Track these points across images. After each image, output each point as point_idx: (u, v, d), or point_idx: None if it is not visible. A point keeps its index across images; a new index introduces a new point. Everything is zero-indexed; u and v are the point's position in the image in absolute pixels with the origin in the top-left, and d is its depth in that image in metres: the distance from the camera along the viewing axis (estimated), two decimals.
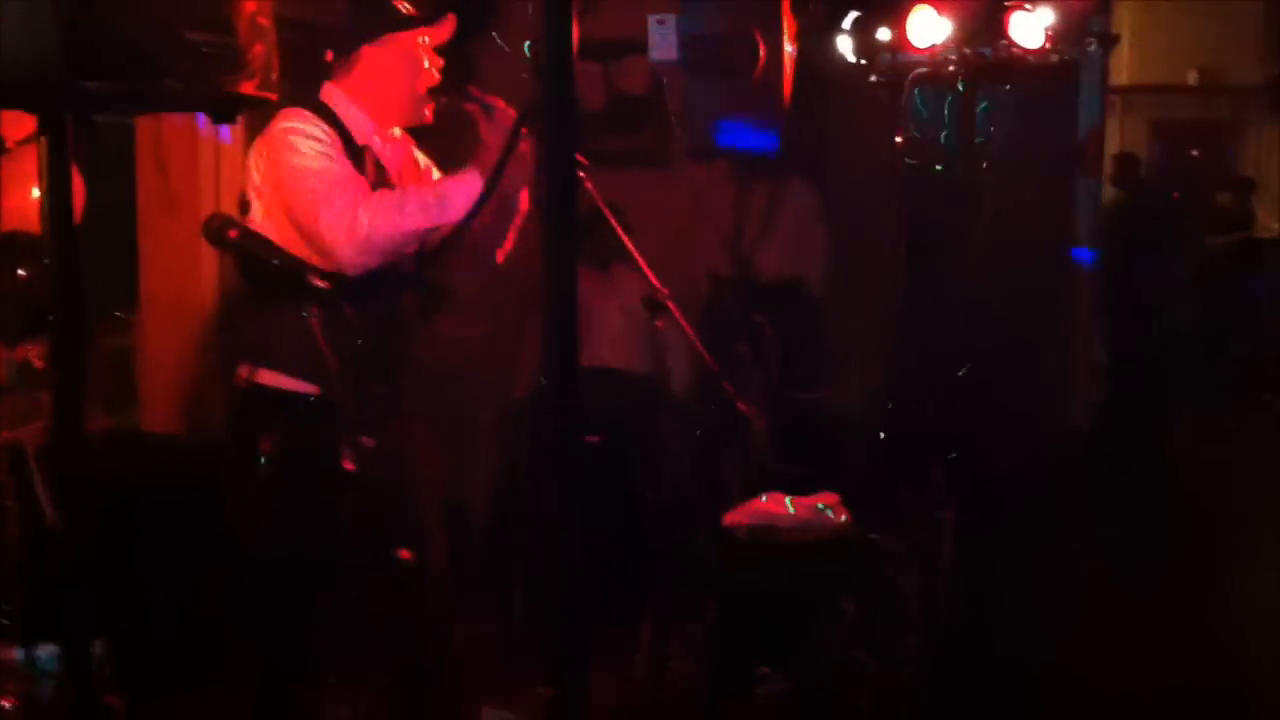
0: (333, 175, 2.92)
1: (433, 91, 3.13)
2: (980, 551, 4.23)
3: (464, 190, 2.98)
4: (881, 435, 4.56)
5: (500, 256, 3.27)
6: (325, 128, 2.99)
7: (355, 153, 3.05)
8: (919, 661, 3.63)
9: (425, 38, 3.11)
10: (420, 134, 3.29)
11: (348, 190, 2.90)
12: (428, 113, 3.14)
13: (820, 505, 3.90)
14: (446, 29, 3.15)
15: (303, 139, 2.94)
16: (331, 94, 3.09)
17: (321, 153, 2.94)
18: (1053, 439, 5.73)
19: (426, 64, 3.11)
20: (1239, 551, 4.53)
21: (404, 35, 3.09)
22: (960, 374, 4.78)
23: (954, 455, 4.25)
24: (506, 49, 5.09)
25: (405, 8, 3.14)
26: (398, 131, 3.22)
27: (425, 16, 3.13)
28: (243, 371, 3.03)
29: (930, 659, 3.67)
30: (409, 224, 2.93)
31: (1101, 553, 4.75)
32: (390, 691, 3.16)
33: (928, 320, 5.04)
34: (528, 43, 4.23)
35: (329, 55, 3.10)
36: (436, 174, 3.30)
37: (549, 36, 1.46)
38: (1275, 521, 4.74)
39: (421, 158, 3.32)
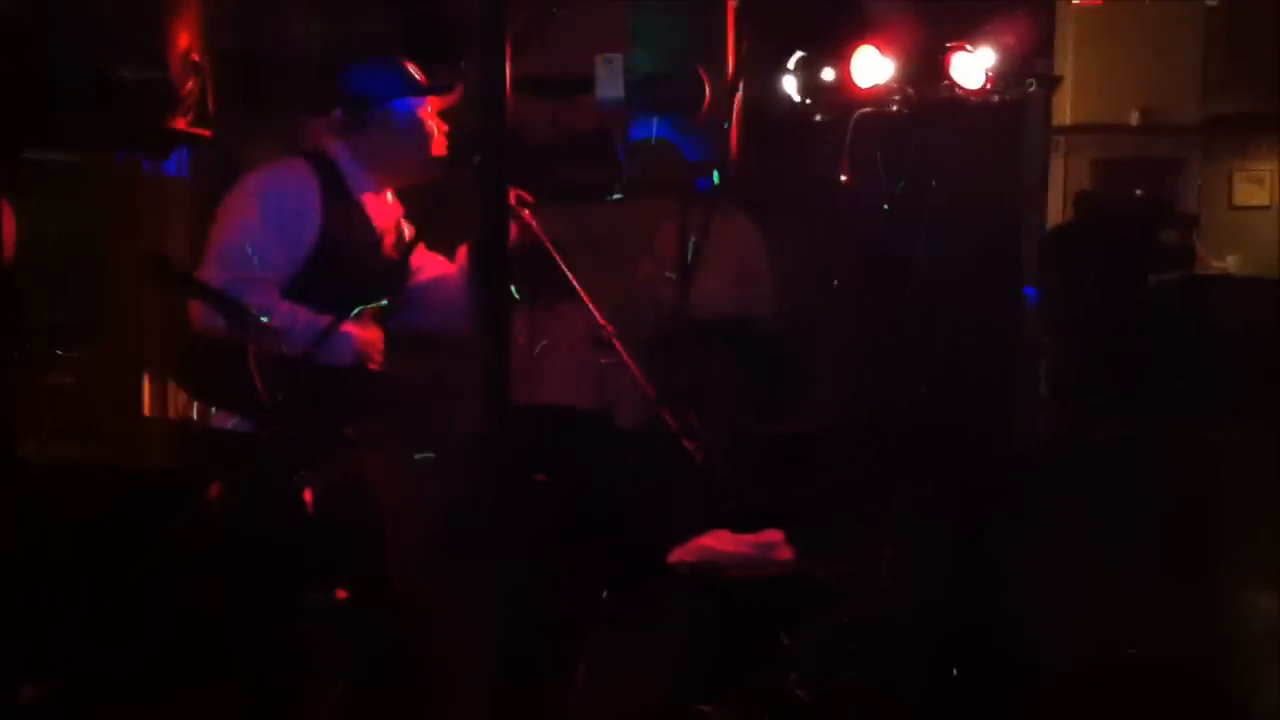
0: (261, 254, 2.95)
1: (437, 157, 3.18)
2: (932, 578, 4.25)
3: (344, 340, 3.01)
4: (828, 468, 4.58)
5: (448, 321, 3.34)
6: (310, 180, 3.03)
7: (346, 205, 3.09)
8: (857, 694, 3.64)
9: (431, 106, 3.17)
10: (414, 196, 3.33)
11: (253, 279, 2.92)
12: (434, 173, 3.19)
13: (764, 543, 3.90)
14: (454, 96, 3.21)
15: (273, 197, 2.99)
16: (335, 147, 3.14)
17: (270, 223, 2.97)
18: (1000, 465, 5.78)
19: (434, 129, 3.16)
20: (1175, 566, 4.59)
21: (414, 102, 3.14)
22: (908, 400, 4.83)
23: (895, 489, 4.27)
24: None
25: (418, 74, 3.19)
26: (390, 196, 3.27)
27: (437, 85, 3.19)
28: (195, 413, 3.04)
29: (869, 690, 3.68)
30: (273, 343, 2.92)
31: (1054, 572, 4.79)
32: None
33: (876, 354, 5.08)
34: None
35: (339, 114, 3.16)
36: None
37: (483, 74, 1.47)
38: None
39: (406, 227, 3.35)
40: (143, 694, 3.55)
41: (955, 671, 3.84)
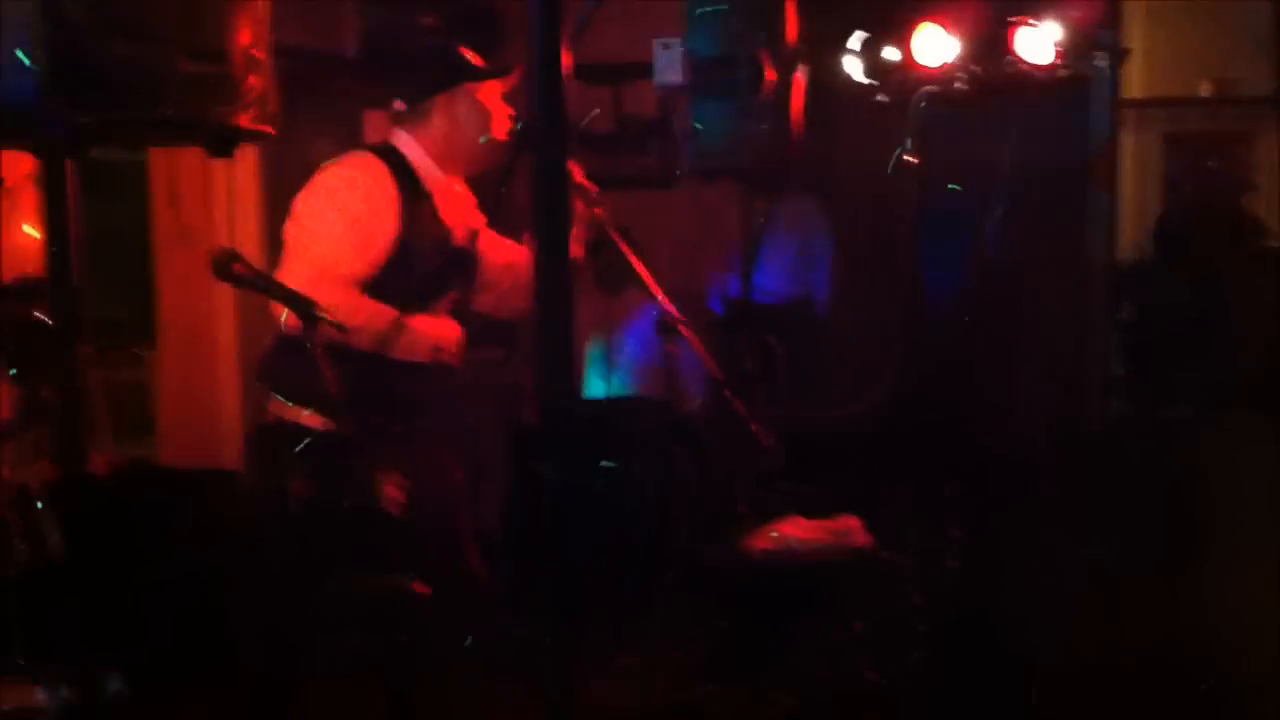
0: (338, 254, 2.96)
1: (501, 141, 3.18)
2: (988, 563, 4.21)
3: (421, 338, 3.02)
4: (891, 452, 4.55)
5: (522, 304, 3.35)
6: (386, 176, 3.04)
7: (419, 198, 3.10)
8: (928, 678, 3.62)
9: (492, 88, 3.17)
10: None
11: (332, 277, 2.92)
12: (500, 158, 3.20)
13: (839, 529, 3.89)
14: (514, 79, 3.21)
15: (350, 195, 2.99)
16: (403, 140, 3.16)
17: (350, 223, 2.98)
18: (1061, 448, 5.70)
19: (495, 113, 3.17)
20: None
21: (473, 86, 3.14)
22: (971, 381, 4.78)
23: (962, 470, 4.23)
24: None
25: (475, 59, 3.19)
26: (459, 187, 3.27)
27: (496, 68, 3.19)
28: (272, 408, 3.06)
29: (938, 674, 3.65)
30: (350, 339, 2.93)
31: (1107, 557, 4.73)
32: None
33: (938, 335, 5.03)
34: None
35: (398, 104, 3.17)
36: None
37: (539, 57, 1.46)
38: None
39: (477, 210, 3.36)
40: (217, 692, 3.60)
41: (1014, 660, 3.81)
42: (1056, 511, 4.90)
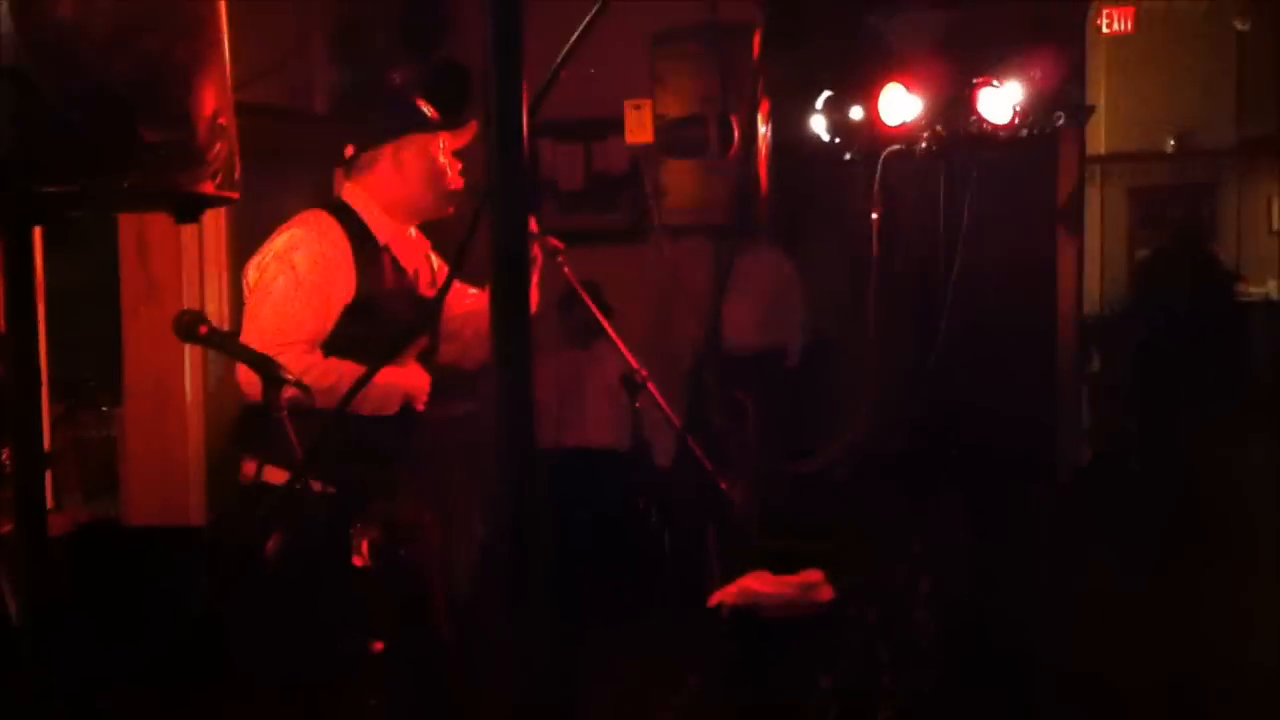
0: (295, 318, 2.97)
1: (454, 192, 3.20)
2: (958, 615, 4.22)
3: (391, 391, 3.02)
4: (861, 502, 4.57)
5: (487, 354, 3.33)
6: (338, 234, 3.05)
7: (374, 252, 3.10)
8: None
9: (444, 142, 3.18)
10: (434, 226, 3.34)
11: (291, 342, 2.93)
12: (450, 206, 3.21)
13: (804, 583, 3.89)
14: (468, 134, 3.22)
15: (302, 257, 2.99)
16: (353, 194, 3.16)
17: (303, 286, 2.99)
18: (1037, 498, 5.74)
19: (446, 166, 3.17)
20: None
21: (425, 137, 3.15)
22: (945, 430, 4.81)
23: (931, 520, 4.25)
24: None
25: (428, 110, 3.20)
26: (413, 232, 3.28)
27: (448, 120, 3.20)
28: (248, 469, 3.05)
29: None
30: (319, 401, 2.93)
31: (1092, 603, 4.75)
32: None
33: (910, 385, 5.06)
34: None
35: (349, 150, 3.18)
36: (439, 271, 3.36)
37: (499, 112, 1.47)
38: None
39: (435, 260, 3.37)
40: None
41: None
42: (1028, 561, 4.93)
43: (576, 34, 1.67)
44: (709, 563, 4.19)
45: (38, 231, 1.61)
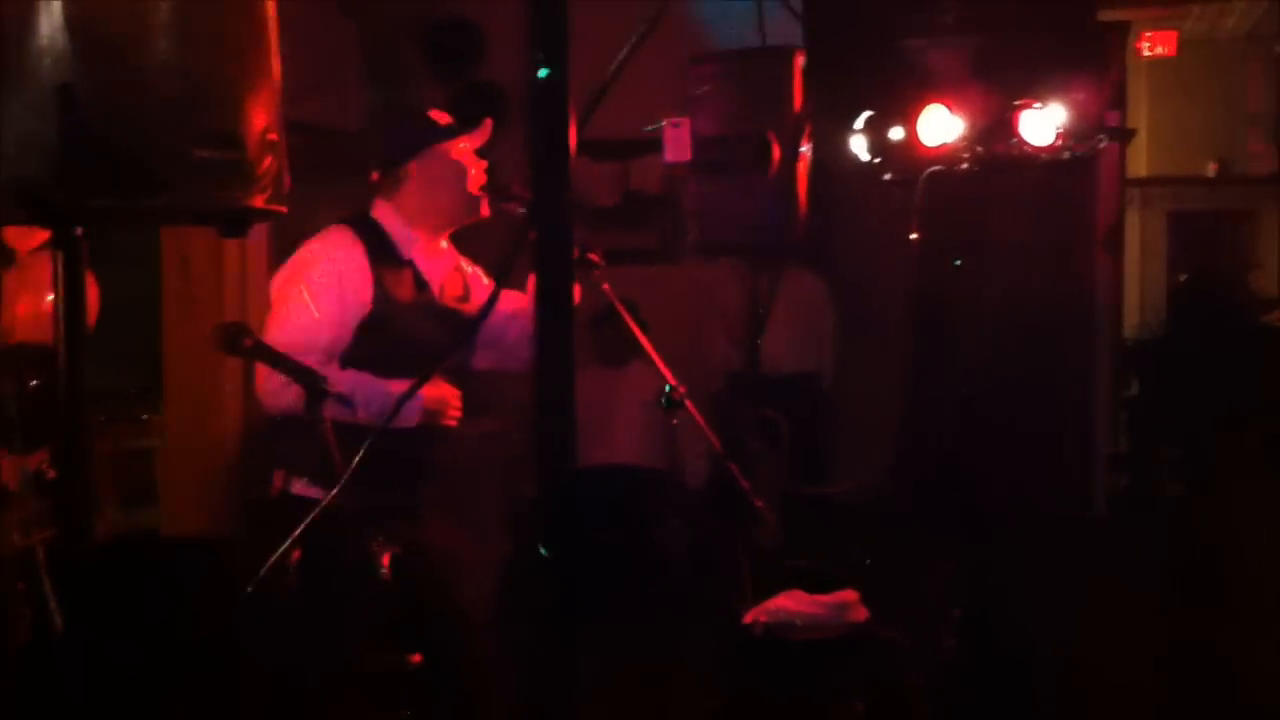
0: (309, 330, 2.99)
1: (482, 189, 3.22)
2: (989, 640, 4.20)
3: (389, 402, 2.98)
4: (892, 527, 4.55)
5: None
6: (356, 248, 3.07)
7: (396, 266, 3.13)
8: None
9: (465, 144, 3.20)
10: (470, 235, 3.36)
11: (311, 352, 2.95)
12: (483, 209, 3.23)
13: (838, 603, 3.87)
14: (484, 133, 3.24)
15: (318, 272, 3.02)
16: (380, 209, 3.19)
17: (318, 300, 3.01)
18: (1067, 523, 5.70)
19: (470, 168, 3.20)
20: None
21: (445, 146, 3.18)
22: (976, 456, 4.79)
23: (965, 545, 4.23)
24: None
25: (442, 118, 3.23)
26: (444, 244, 3.30)
27: (463, 124, 3.23)
28: (276, 480, 3.08)
29: None
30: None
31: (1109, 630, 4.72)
32: None
33: (940, 407, 5.04)
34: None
35: (374, 175, 3.21)
36: (485, 280, 3.38)
37: (540, 131, 1.48)
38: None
39: (466, 266, 3.39)
40: None
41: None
42: (1060, 587, 4.90)
43: (622, 55, 1.68)
44: (741, 581, 4.17)
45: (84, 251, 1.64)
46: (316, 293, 3.02)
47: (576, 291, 3.26)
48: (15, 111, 1.44)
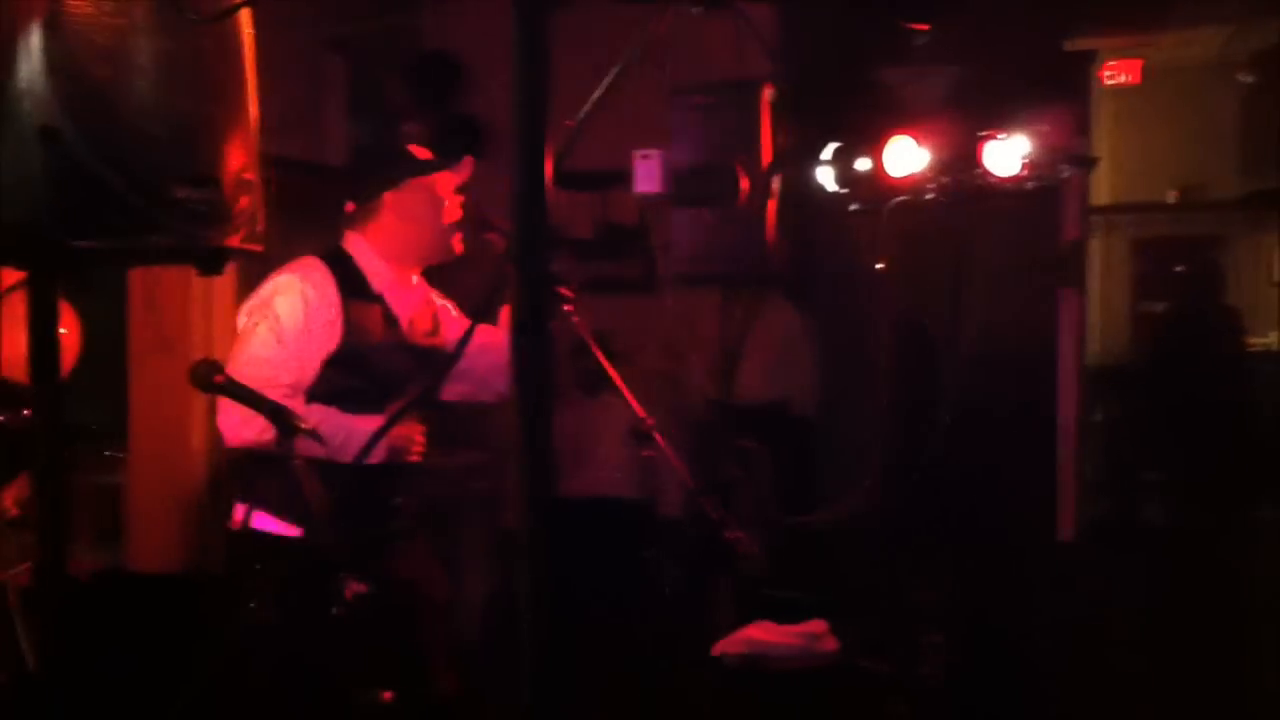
0: (273, 364, 2.98)
1: (456, 224, 3.21)
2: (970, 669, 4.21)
3: (356, 439, 2.99)
4: (869, 554, 4.56)
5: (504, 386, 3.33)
6: (328, 283, 3.06)
7: (366, 301, 3.12)
8: None
9: (444, 180, 3.20)
10: (445, 268, 3.35)
11: (275, 386, 2.94)
12: (455, 245, 3.22)
13: (809, 633, 3.88)
14: (465, 170, 3.24)
15: (285, 305, 3.01)
16: (353, 241, 3.18)
17: (284, 333, 3.00)
18: (1038, 553, 5.73)
19: (447, 203, 3.19)
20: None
21: (423, 180, 3.18)
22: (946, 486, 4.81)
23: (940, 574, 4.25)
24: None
25: (422, 153, 3.23)
26: (415, 279, 3.29)
27: (443, 160, 3.22)
28: (237, 514, 3.06)
29: None
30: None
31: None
32: None
33: (913, 441, 5.05)
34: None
35: (350, 206, 3.20)
36: (454, 312, 3.37)
37: (521, 167, 1.50)
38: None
39: (437, 299, 3.38)
40: None
41: None
42: (1040, 612, 4.92)
43: (599, 90, 1.70)
44: (714, 612, 4.18)
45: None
46: (283, 326, 3.01)
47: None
48: None
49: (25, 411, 3.28)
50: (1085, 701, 4.43)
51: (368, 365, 3.10)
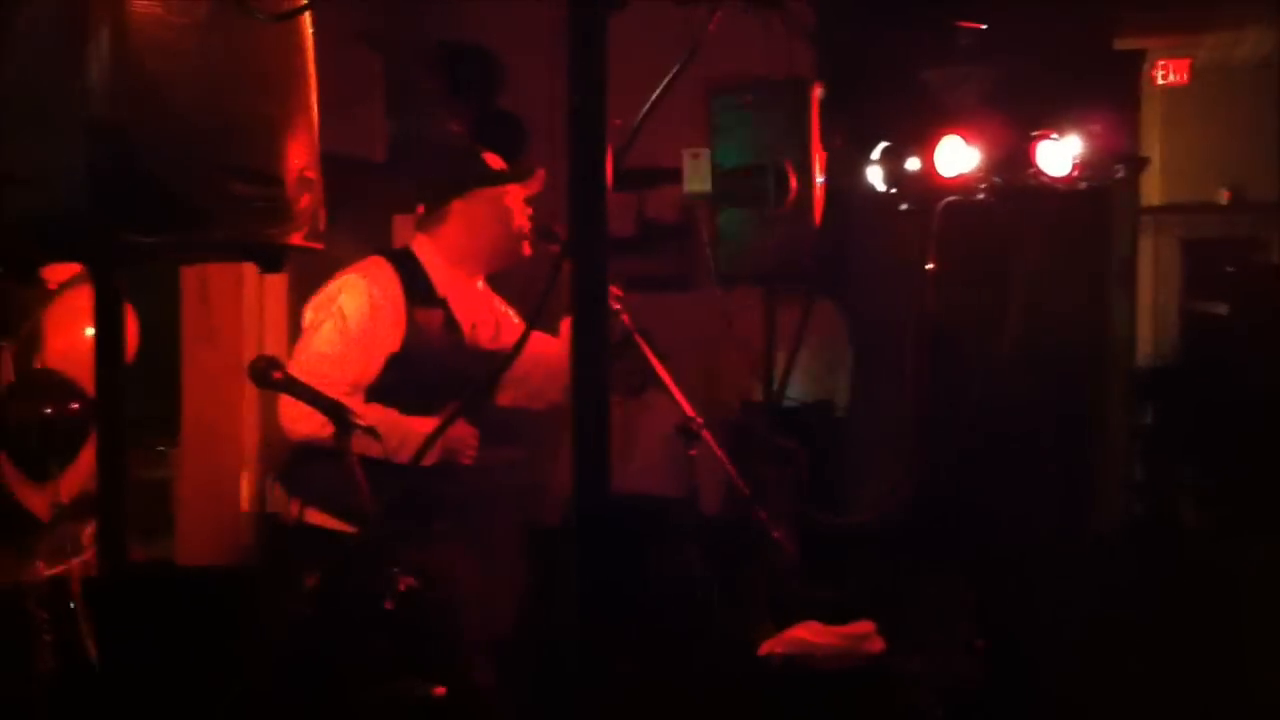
0: (337, 362, 2.99)
1: (524, 234, 3.23)
2: (1010, 671, 4.19)
3: (412, 440, 3.01)
4: (911, 557, 4.55)
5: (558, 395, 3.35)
6: (394, 285, 3.08)
7: (430, 304, 3.14)
8: None
9: (513, 192, 3.21)
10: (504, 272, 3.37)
11: (339, 383, 2.95)
12: (523, 251, 3.24)
13: (855, 634, 3.87)
14: (537, 183, 3.25)
15: (352, 304, 3.03)
16: (421, 245, 3.21)
17: (349, 332, 3.02)
18: (1081, 556, 5.68)
19: (516, 214, 3.20)
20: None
21: (494, 190, 3.19)
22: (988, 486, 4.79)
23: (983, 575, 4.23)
24: None
25: (495, 162, 3.24)
26: (480, 284, 3.31)
27: (516, 172, 3.24)
28: (292, 509, 3.09)
29: None
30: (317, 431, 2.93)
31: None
32: None
33: (957, 437, 5.03)
34: None
35: (420, 208, 3.22)
36: (515, 319, 3.39)
37: (579, 169, 1.50)
38: None
39: (500, 306, 3.40)
40: None
41: None
42: (1077, 616, 4.88)
43: (659, 90, 1.70)
44: (758, 612, 4.17)
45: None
46: (349, 325, 3.04)
47: None
48: (60, 148, 1.46)
49: (73, 405, 3.32)
50: (1119, 704, 4.39)
51: (427, 368, 3.13)
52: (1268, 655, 4.54)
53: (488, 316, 3.35)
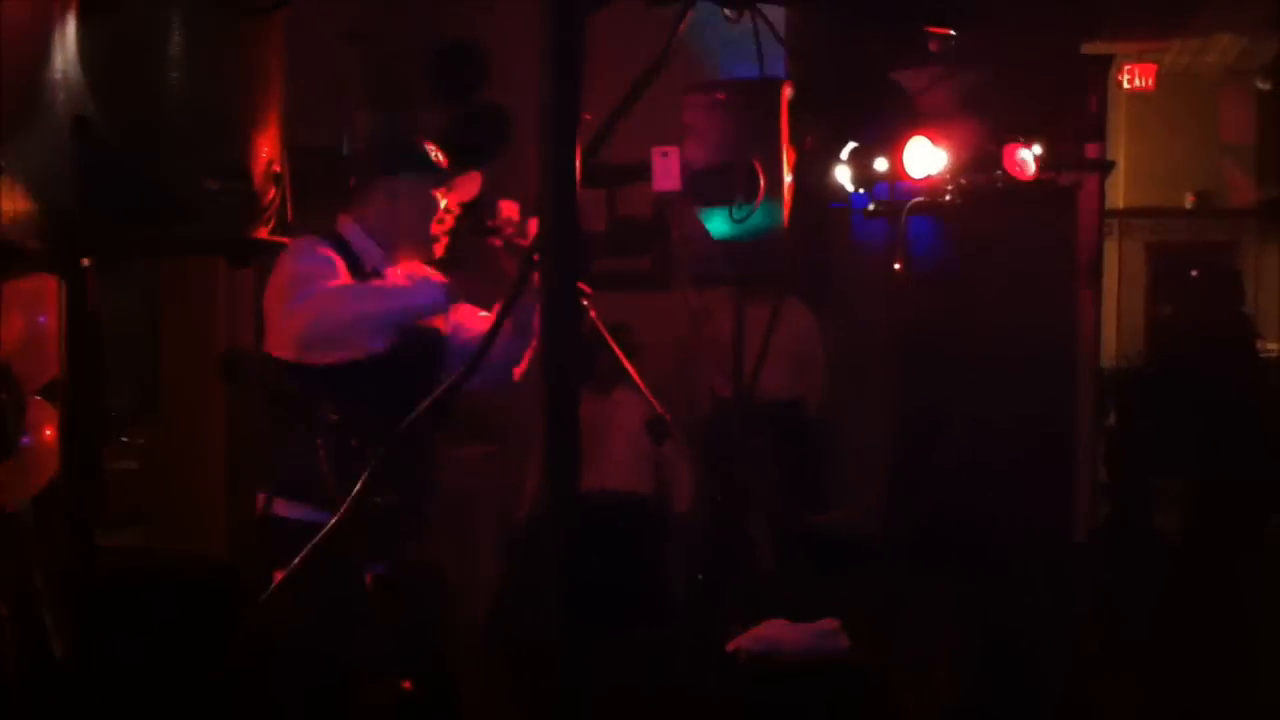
0: (305, 273, 2.97)
1: (451, 230, 3.21)
2: (982, 670, 4.22)
3: (426, 285, 3.03)
4: (882, 554, 4.58)
5: (516, 375, 3.33)
6: (331, 253, 3.07)
7: (365, 278, 3.12)
8: None
9: (447, 189, 3.19)
10: (441, 267, 3.35)
11: (313, 281, 2.94)
12: (436, 250, 3.23)
13: (821, 631, 3.89)
14: (471, 188, 3.23)
15: (304, 253, 3.00)
16: (344, 224, 3.18)
17: (311, 264, 2.99)
18: (1051, 554, 5.73)
19: (440, 210, 3.18)
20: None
21: (426, 180, 3.17)
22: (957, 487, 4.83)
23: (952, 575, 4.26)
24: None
25: (435, 156, 3.21)
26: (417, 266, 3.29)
27: (449, 172, 3.21)
28: (259, 500, 3.08)
29: None
30: (364, 307, 2.95)
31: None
32: None
33: (928, 437, 5.07)
34: None
35: (351, 181, 3.21)
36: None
37: (551, 166, 1.51)
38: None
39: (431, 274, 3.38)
40: None
41: None
42: (1052, 617, 4.92)
43: (630, 91, 1.72)
44: (726, 609, 4.19)
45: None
46: (303, 263, 2.99)
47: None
48: (32, 144, 1.46)
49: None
50: (1097, 705, 4.44)
51: None
52: (1248, 657, 4.59)
53: None
